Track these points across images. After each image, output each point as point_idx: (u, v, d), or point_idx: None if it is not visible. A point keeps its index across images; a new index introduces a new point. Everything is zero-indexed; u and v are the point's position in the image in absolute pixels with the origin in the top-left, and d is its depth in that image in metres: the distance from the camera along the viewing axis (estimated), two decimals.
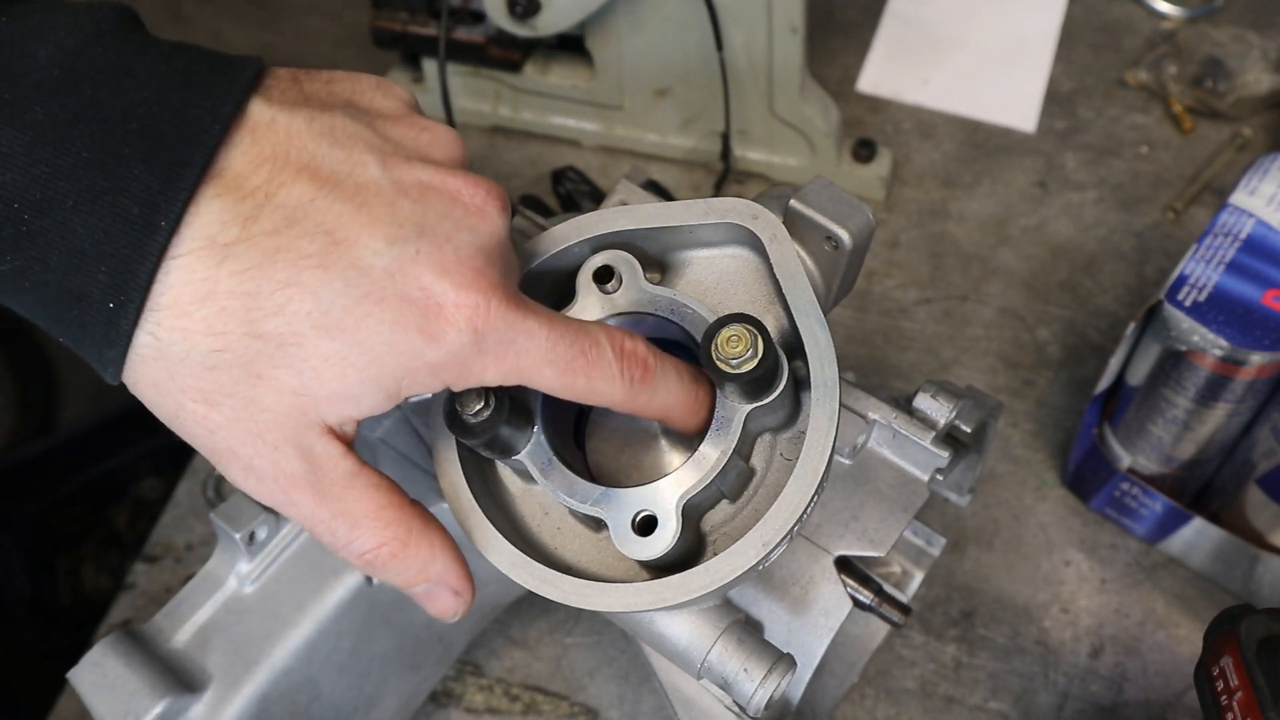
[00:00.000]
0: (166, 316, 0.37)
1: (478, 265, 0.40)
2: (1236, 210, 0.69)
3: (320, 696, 0.63)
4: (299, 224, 0.37)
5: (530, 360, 0.41)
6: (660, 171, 1.04)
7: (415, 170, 0.41)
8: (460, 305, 0.39)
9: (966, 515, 0.84)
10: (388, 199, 0.39)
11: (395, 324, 0.38)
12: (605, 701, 0.78)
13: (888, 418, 0.57)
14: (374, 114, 0.43)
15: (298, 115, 0.39)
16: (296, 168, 0.38)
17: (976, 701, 0.77)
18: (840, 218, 0.49)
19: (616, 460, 0.52)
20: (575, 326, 0.43)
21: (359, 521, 0.42)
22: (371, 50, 1.06)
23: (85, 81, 0.36)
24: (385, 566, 0.43)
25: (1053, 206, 1.01)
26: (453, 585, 0.45)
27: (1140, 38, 1.11)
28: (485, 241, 0.41)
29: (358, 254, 0.38)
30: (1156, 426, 0.74)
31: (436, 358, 0.39)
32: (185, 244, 0.36)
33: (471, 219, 0.41)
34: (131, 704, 0.56)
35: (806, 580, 0.57)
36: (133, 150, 0.36)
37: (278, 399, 0.39)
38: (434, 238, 0.39)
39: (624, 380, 0.44)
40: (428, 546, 0.43)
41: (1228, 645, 0.52)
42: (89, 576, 1.46)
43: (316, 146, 0.39)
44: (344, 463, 0.41)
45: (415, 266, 0.39)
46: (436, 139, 0.44)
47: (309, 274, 0.37)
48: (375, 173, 0.40)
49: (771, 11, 0.88)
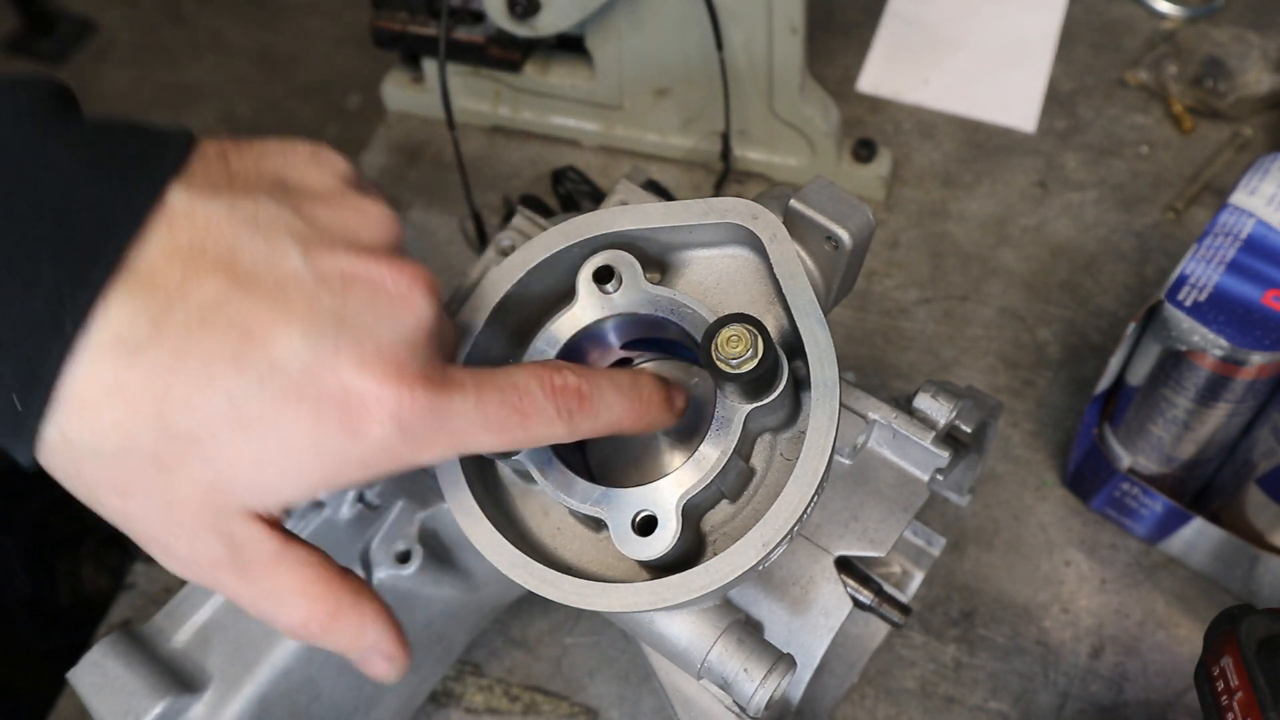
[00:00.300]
0: (73, 414, 0.36)
1: (400, 358, 0.39)
2: (1237, 210, 0.69)
3: (320, 696, 0.63)
4: (212, 321, 0.36)
5: (464, 434, 0.41)
6: (660, 171, 1.04)
7: (339, 259, 0.39)
8: (383, 399, 0.38)
9: (966, 515, 0.84)
10: (307, 291, 0.38)
11: (315, 421, 0.37)
12: (605, 701, 0.78)
13: (888, 418, 0.57)
14: (303, 193, 0.41)
15: (218, 201, 0.38)
16: (213, 261, 0.37)
17: (976, 701, 0.77)
18: (840, 218, 0.49)
19: (616, 460, 0.52)
20: (502, 383, 0.42)
21: (284, 599, 0.42)
22: (371, 50, 1.06)
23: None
24: (316, 638, 0.43)
25: (1053, 206, 1.01)
26: (385, 652, 0.45)
27: (1140, 38, 1.11)
28: (409, 331, 0.40)
29: (274, 351, 0.37)
30: (1157, 426, 0.74)
31: (362, 454, 0.39)
32: (92, 342, 0.35)
33: (395, 309, 0.40)
34: (131, 704, 0.56)
35: (806, 580, 0.57)
36: (43, 247, 0.35)
37: (192, 491, 0.38)
38: (354, 331, 0.38)
39: (562, 418, 0.43)
40: (357, 617, 0.43)
41: (1228, 645, 0.52)
42: (89, 576, 1.46)
43: (236, 236, 0.37)
44: (268, 544, 0.40)
45: (335, 361, 0.37)
46: (367, 220, 0.42)
47: (222, 372, 0.36)
48: (296, 263, 0.38)
49: (771, 11, 0.88)
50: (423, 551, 0.64)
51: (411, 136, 1.10)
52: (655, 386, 0.48)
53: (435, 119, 1.10)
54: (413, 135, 1.10)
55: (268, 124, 2.45)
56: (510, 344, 0.52)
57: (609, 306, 0.50)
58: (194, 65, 2.56)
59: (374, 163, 1.09)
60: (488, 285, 0.50)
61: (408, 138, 1.10)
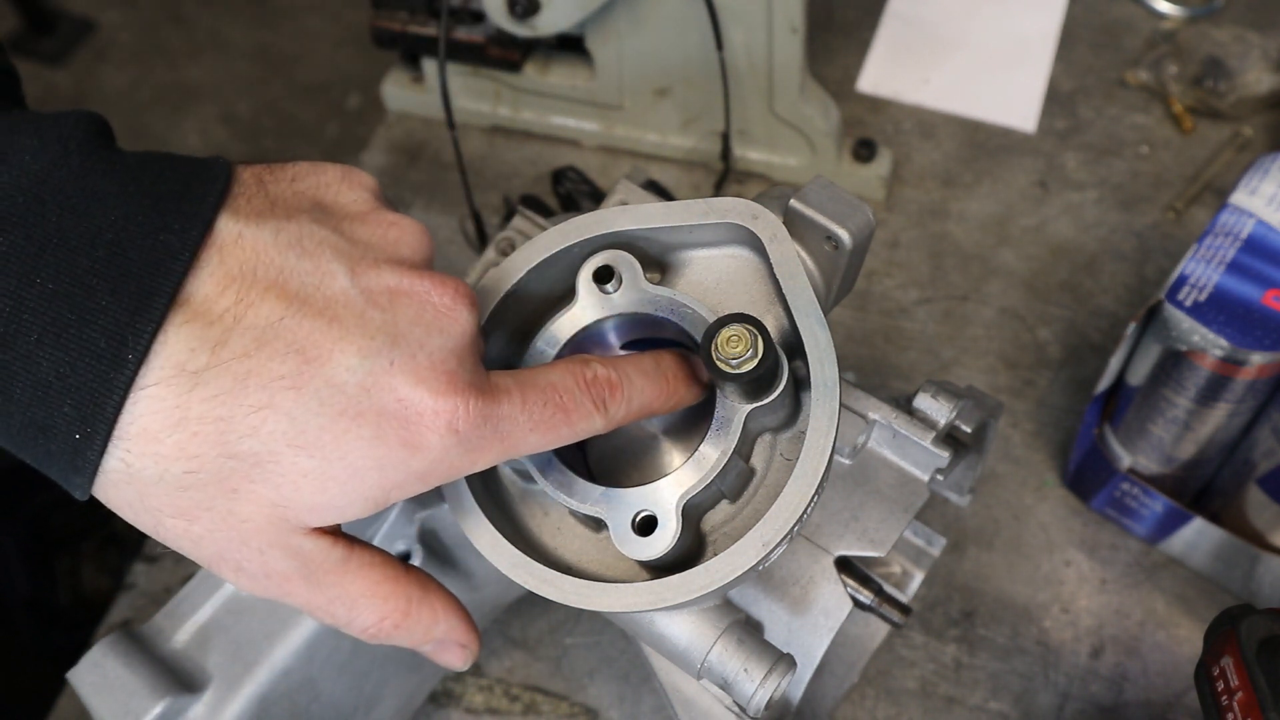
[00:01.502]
0: (136, 444, 0.36)
1: (451, 369, 0.40)
2: (1237, 210, 0.69)
3: (320, 696, 0.63)
4: (269, 345, 0.37)
5: (514, 437, 0.42)
6: (660, 171, 1.04)
7: (384, 276, 0.40)
8: (440, 412, 0.39)
9: (966, 515, 0.84)
10: (358, 310, 0.39)
11: (375, 439, 0.38)
12: (605, 701, 0.78)
13: (888, 418, 0.57)
14: (341, 214, 0.42)
15: (265, 228, 0.39)
16: (265, 285, 0.38)
17: (977, 702, 0.77)
18: (840, 218, 0.49)
19: (616, 460, 0.52)
20: (542, 384, 0.43)
21: (356, 602, 0.43)
22: (371, 50, 1.07)
23: (51, 209, 0.36)
24: (390, 637, 0.44)
25: (1053, 206, 1.01)
26: (459, 640, 0.46)
27: (1140, 37, 1.11)
28: (457, 343, 0.41)
29: (331, 371, 0.38)
30: (1157, 426, 0.74)
31: (423, 467, 0.40)
32: (153, 374, 0.36)
33: (442, 321, 0.41)
34: (131, 704, 0.56)
35: (806, 580, 0.57)
36: (99, 281, 0.35)
37: (257, 510, 0.39)
38: (406, 346, 0.39)
39: (599, 409, 0.44)
40: (429, 611, 0.44)
41: (1228, 645, 0.52)
42: (89, 576, 1.46)
43: (284, 260, 0.38)
44: (334, 552, 0.41)
45: (390, 379, 0.38)
46: (404, 235, 0.43)
47: (282, 395, 0.37)
48: (344, 283, 0.39)
49: (771, 11, 0.88)
50: (423, 551, 0.64)
51: (411, 136, 1.10)
52: (678, 364, 0.48)
53: (435, 119, 1.10)
54: (413, 135, 1.10)
55: (267, 124, 2.45)
56: (510, 344, 0.52)
57: (609, 306, 0.50)
58: (194, 65, 2.56)
59: (374, 163, 1.09)
60: (488, 285, 0.49)
61: (408, 138, 1.10)
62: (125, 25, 2.65)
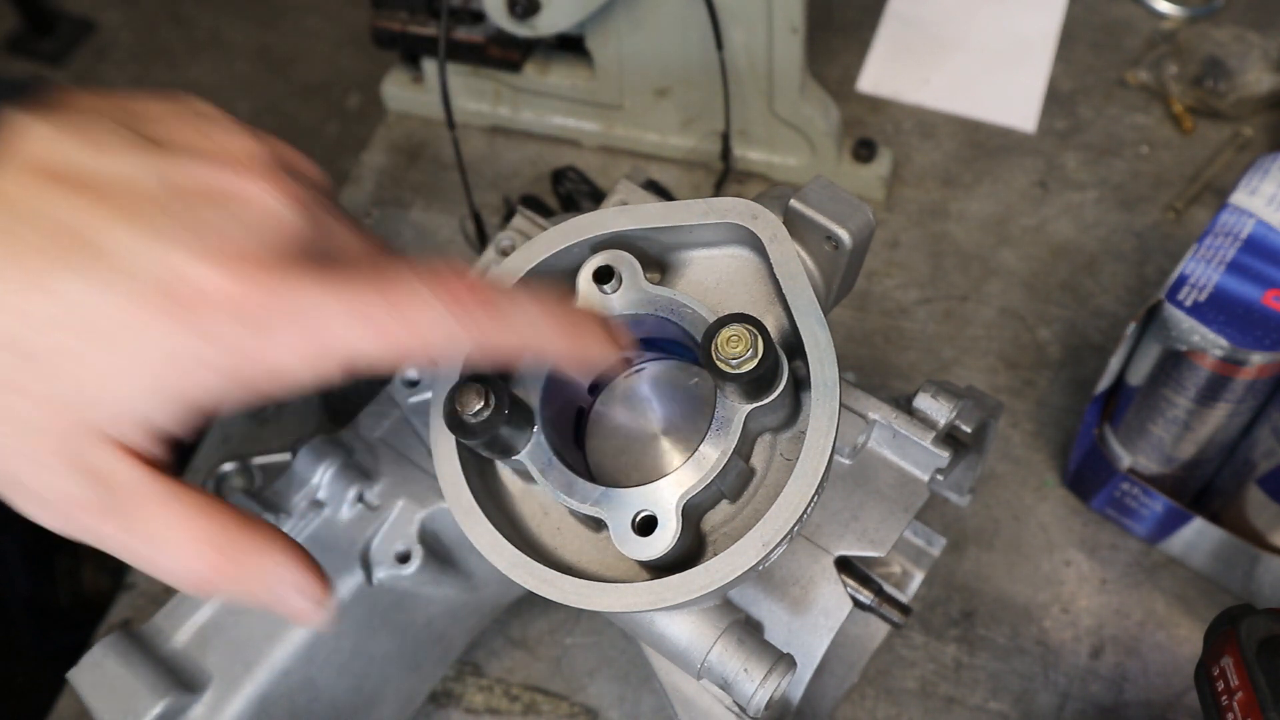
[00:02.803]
0: None
1: (248, 250, 0.37)
2: (1237, 210, 0.69)
3: (320, 696, 0.63)
4: (58, 235, 0.36)
5: (331, 328, 0.37)
6: (660, 171, 1.04)
7: (187, 167, 0.39)
8: (226, 292, 0.36)
9: (966, 515, 0.84)
10: (154, 198, 0.37)
11: (163, 327, 0.36)
12: (605, 701, 0.78)
13: (888, 418, 0.57)
14: (151, 117, 0.41)
15: (66, 124, 0.38)
16: (59, 178, 0.37)
17: (977, 702, 0.77)
18: (840, 218, 0.49)
19: (616, 460, 0.52)
20: (383, 278, 0.39)
21: (169, 544, 0.39)
22: (371, 50, 1.07)
23: None
24: (215, 587, 0.40)
25: (1053, 206, 1.01)
26: (305, 592, 0.41)
27: (1140, 37, 1.11)
28: (261, 231, 0.38)
29: (119, 256, 0.36)
30: (1157, 426, 0.74)
31: (215, 354, 0.37)
32: None
33: (249, 212, 0.39)
34: (131, 704, 0.56)
35: (806, 580, 0.57)
36: None
37: (40, 413, 0.36)
38: (202, 232, 0.37)
39: (456, 317, 0.39)
40: (263, 558, 0.40)
41: (1228, 645, 0.52)
42: (89, 576, 1.46)
43: (80, 153, 0.38)
44: (144, 480, 0.38)
45: (183, 266, 0.36)
46: (215, 130, 0.41)
47: (67, 282, 0.36)
48: (141, 173, 0.38)
49: (771, 11, 0.88)
50: (423, 551, 0.64)
51: (411, 136, 1.10)
52: (592, 317, 0.46)
53: (435, 119, 1.10)
54: (413, 135, 1.10)
55: (267, 123, 2.44)
56: None
57: (609, 306, 0.50)
58: (194, 65, 2.56)
59: (374, 163, 1.09)
60: None
61: (408, 138, 1.10)
62: (125, 25, 2.65)
